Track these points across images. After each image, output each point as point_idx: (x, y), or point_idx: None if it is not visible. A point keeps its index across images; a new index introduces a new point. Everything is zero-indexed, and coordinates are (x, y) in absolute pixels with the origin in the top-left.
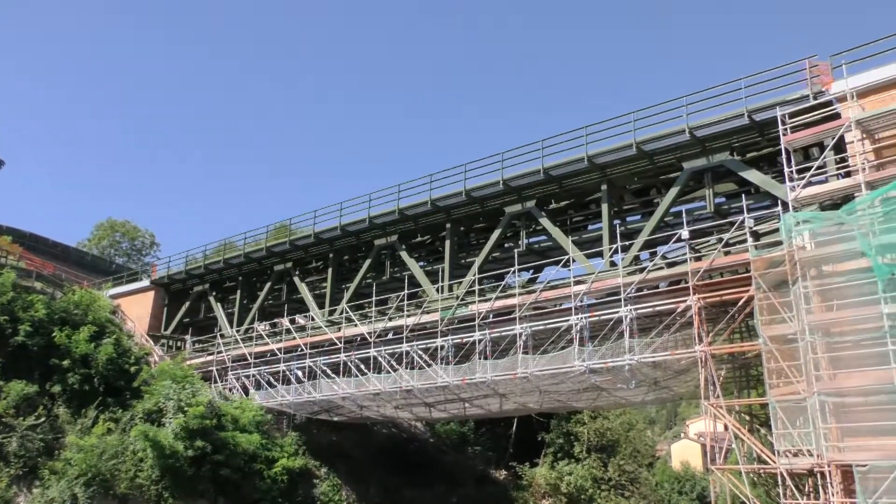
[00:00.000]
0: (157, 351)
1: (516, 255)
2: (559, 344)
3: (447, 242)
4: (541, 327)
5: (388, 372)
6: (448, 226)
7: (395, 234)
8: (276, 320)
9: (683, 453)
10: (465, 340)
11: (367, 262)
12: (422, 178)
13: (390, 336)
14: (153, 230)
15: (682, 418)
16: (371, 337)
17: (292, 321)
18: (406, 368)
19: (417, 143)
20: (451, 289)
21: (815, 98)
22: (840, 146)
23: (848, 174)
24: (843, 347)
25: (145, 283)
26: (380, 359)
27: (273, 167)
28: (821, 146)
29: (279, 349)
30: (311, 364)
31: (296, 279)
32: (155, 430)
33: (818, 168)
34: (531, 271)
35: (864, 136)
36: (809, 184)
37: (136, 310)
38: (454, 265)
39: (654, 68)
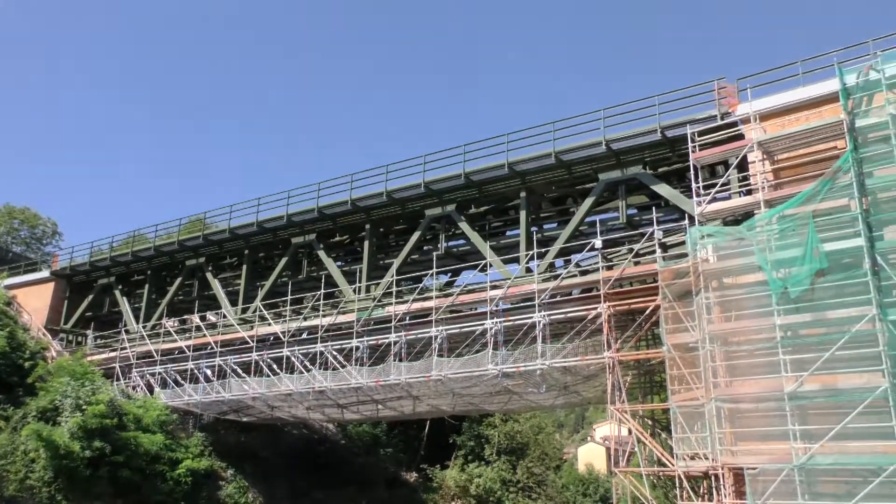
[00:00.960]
0: (55, 345)
1: (435, 258)
2: (474, 347)
3: (366, 243)
4: (456, 330)
5: (301, 372)
6: (367, 226)
7: (313, 233)
8: (185, 317)
9: (589, 456)
10: (380, 342)
11: (284, 260)
12: (342, 178)
13: (304, 336)
14: (56, 219)
15: (590, 422)
16: (285, 336)
17: (203, 318)
18: (320, 369)
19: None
20: (368, 290)
21: (722, 118)
22: (743, 165)
23: (749, 192)
24: (739, 356)
25: (45, 273)
26: (293, 359)
27: (196, 155)
28: (726, 164)
29: (188, 346)
30: (221, 363)
31: (208, 275)
32: (49, 430)
33: (723, 185)
34: (449, 275)
35: (765, 156)
36: (714, 200)
37: (34, 302)
38: (372, 266)
39: (580, 81)
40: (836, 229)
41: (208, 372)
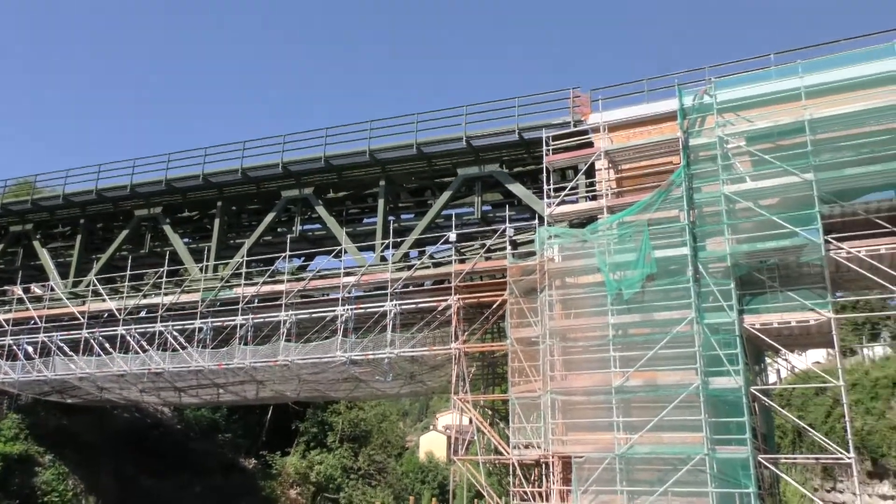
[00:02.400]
0: None
1: (289, 241)
2: (323, 334)
3: (217, 221)
4: (306, 316)
5: (137, 352)
6: (219, 203)
7: (159, 206)
8: (5, 288)
9: (431, 445)
10: (226, 324)
11: (125, 232)
12: (195, 150)
13: (143, 314)
14: None
15: (433, 411)
16: (121, 314)
17: (26, 290)
18: (158, 350)
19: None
20: (216, 269)
21: (575, 125)
22: (591, 171)
23: (594, 198)
24: (575, 351)
25: None
26: (129, 338)
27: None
28: (575, 169)
29: (6, 321)
30: (45, 339)
31: (35, 243)
32: None
33: (571, 189)
34: (302, 258)
35: (610, 165)
36: (563, 202)
37: None
38: (222, 245)
39: (443, 77)
40: (666, 238)
41: (29, 349)
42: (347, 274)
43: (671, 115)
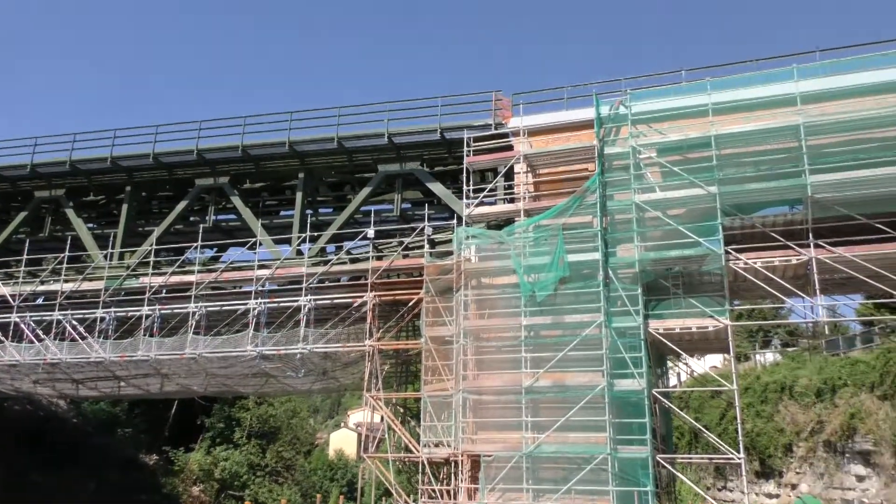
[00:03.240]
0: None
1: (201, 231)
2: (234, 327)
3: (125, 206)
4: (217, 308)
5: (32, 341)
6: (128, 188)
7: (62, 188)
8: None
9: (341, 442)
10: (130, 314)
11: (23, 214)
12: (104, 132)
13: (40, 301)
14: None
15: (345, 408)
16: (15, 300)
17: None
18: (55, 339)
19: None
20: (122, 257)
21: (496, 128)
22: (510, 174)
23: (512, 200)
24: (487, 351)
25: None
26: (23, 326)
27: None
28: (495, 171)
29: None
30: None
31: None
32: None
33: (490, 191)
34: (215, 249)
35: (529, 169)
36: (482, 203)
37: None
38: (130, 232)
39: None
40: (579, 242)
41: None
42: (262, 267)
43: (588, 123)
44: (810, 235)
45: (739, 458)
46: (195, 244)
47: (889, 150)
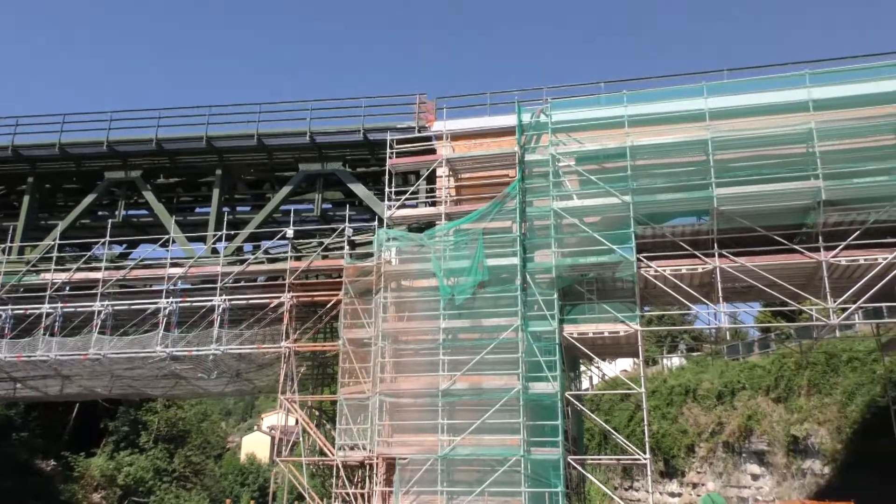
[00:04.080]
0: None
1: (110, 226)
2: (143, 327)
3: (26, 198)
4: (125, 307)
5: None
6: (31, 179)
7: None
8: None
9: (254, 446)
10: (29, 312)
11: None
12: (6, 119)
13: None
14: None
15: (259, 411)
16: None
17: None
18: None
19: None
20: (22, 251)
21: (419, 131)
22: (432, 178)
23: (434, 204)
24: (405, 354)
25: None
26: None
27: None
28: (417, 174)
29: None
30: None
31: None
32: None
33: (412, 193)
34: (124, 246)
35: (451, 173)
36: (404, 206)
37: None
38: (31, 226)
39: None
40: (499, 247)
41: None
42: (174, 265)
43: (510, 130)
44: (715, 245)
45: (645, 459)
46: (103, 240)
47: (788, 167)
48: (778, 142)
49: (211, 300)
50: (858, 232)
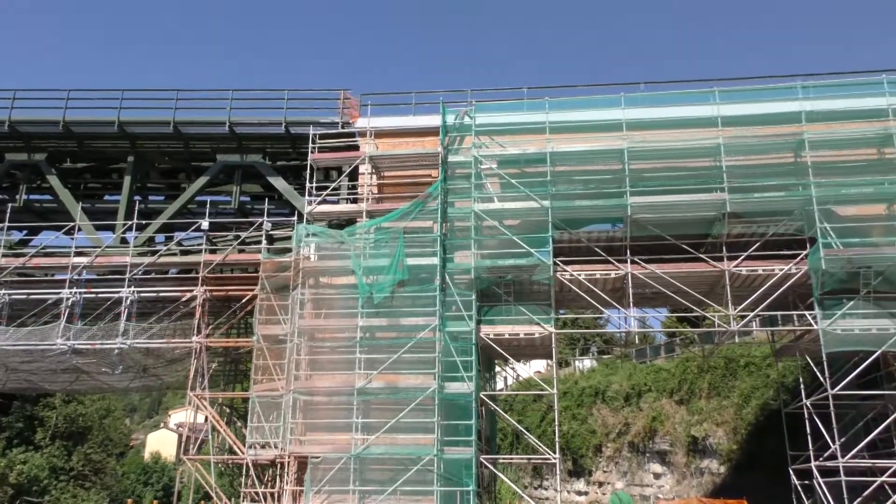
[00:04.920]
0: None
1: (9, 211)
2: (43, 318)
3: None
4: (24, 297)
5: None
6: None
7: None
8: None
9: (159, 444)
10: None
11: None
12: None
13: None
14: None
15: (166, 408)
16: None
17: None
18: None
19: None
20: None
21: (343, 127)
22: (354, 175)
23: (355, 201)
24: (321, 352)
25: None
26: None
27: None
28: (339, 170)
29: None
30: None
31: None
32: None
33: (333, 189)
34: (25, 232)
35: (374, 171)
36: (325, 202)
37: None
38: None
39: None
40: (419, 247)
41: None
42: (79, 254)
43: (434, 130)
44: (628, 252)
45: (555, 459)
46: (1, 224)
47: (696, 179)
48: (688, 154)
49: (118, 292)
50: (758, 244)
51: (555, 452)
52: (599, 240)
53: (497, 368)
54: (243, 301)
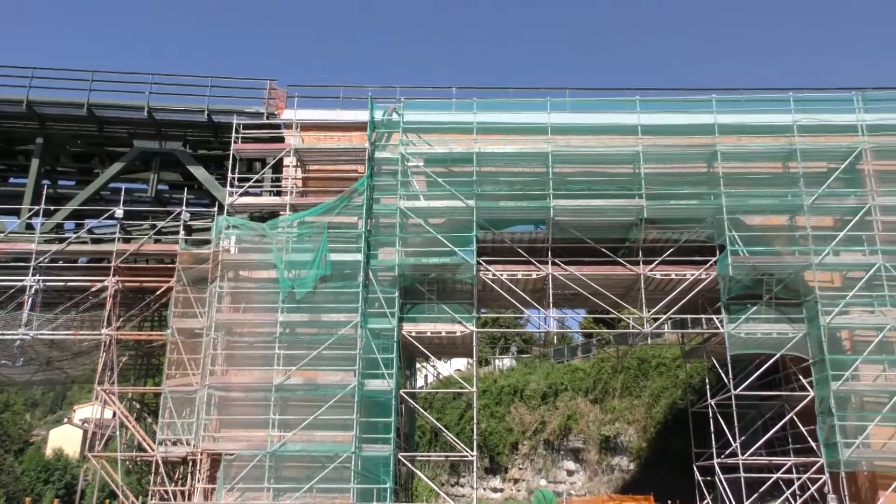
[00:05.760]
0: None
1: None
2: None
3: None
4: None
5: None
6: None
7: None
8: None
9: (62, 440)
10: None
11: None
12: None
13: None
14: None
15: (71, 403)
16: None
17: None
18: None
19: None
20: None
21: (268, 118)
22: (278, 167)
23: (279, 193)
24: (239, 347)
25: None
26: None
27: None
28: (263, 162)
29: None
30: None
31: None
32: None
33: (256, 181)
34: None
35: (299, 164)
36: (247, 193)
37: None
38: None
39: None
40: (343, 242)
41: None
42: None
43: (362, 125)
44: (549, 254)
45: (472, 456)
46: None
47: (617, 185)
48: (610, 160)
49: (22, 280)
50: (672, 249)
51: (472, 450)
52: (522, 241)
53: (418, 366)
54: (158, 293)
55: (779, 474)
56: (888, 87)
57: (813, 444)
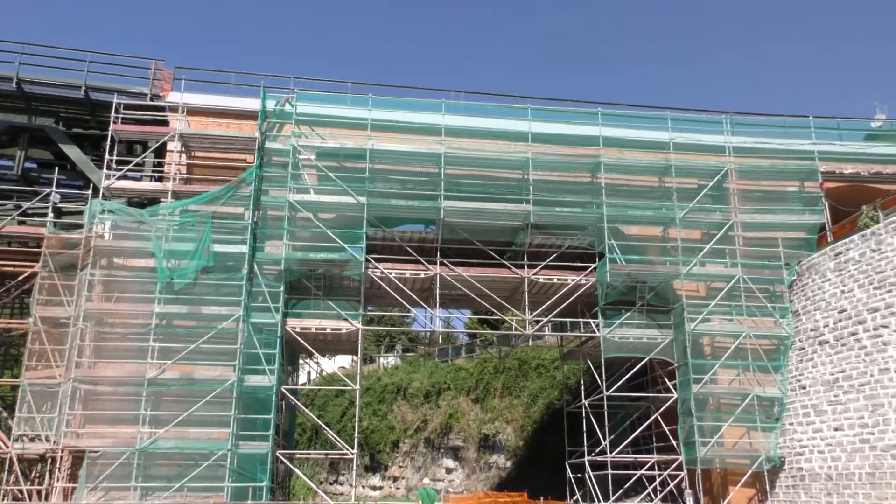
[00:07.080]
0: None
1: None
2: None
3: None
4: None
5: None
6: None
7: None
8: None
9: None
10: None
11: None
12: None
13: None
14: None
15: None
16: None
17: None
18: None
19: None
20: None
21: (152, 99)
22: (161, 151)
23: (161, 179)
24: (110, 338)
25: None
26: None
27: None
28: (145, 145)
29: None
30: None
31: None
32: None
33: (136, 165)
34: None
35: (184, 149)
36: (125, 177)
37: None
38: None
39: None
40: (228, 233)
41: None
42: None
43: (253, 114)
44: (438, 254)
45: (353, 454)
46: None
47: (505, 189)
48: (500, 165)
49: None
50: (556, 254)
51: (353, 448)
52: (412, 240)
53: (301, 362)
54: (20, 278)
55: (642, 471)
56: (753, 113)
57: (674, 442)
